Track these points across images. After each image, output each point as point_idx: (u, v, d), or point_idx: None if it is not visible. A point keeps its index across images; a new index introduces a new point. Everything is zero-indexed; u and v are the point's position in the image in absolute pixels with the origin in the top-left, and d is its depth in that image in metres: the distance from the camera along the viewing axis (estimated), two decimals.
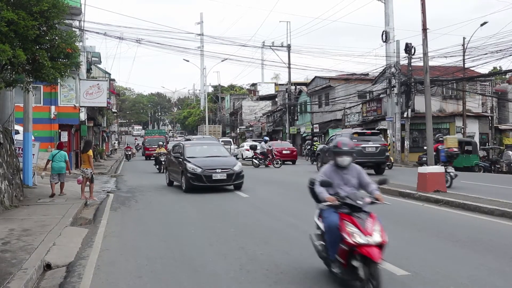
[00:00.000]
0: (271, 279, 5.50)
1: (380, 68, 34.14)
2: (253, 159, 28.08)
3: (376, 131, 26.85)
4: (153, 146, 44.21)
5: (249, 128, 63.81)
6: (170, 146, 45.33)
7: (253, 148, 29.89)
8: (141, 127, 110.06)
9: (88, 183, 13.41)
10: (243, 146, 39.05)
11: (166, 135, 65.26)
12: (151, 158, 44.84)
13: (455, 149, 15.76)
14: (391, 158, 25.54)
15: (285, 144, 35.31)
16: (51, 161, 13.77)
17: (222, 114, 79.31)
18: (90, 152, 13.63)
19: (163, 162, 22.33)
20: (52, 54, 10.92)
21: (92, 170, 13.47)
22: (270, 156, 27.63)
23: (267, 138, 32.33)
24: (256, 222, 9.38)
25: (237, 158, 27.22)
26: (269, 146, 28.62)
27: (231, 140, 46.36)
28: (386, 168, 23.04)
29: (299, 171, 24.23)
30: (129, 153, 43.77)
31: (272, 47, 42.40)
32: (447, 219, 9.44)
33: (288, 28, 45.76)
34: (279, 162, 27.52)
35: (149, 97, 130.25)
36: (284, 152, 32.33)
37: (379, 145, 21.70)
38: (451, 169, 14.92)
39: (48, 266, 6.31)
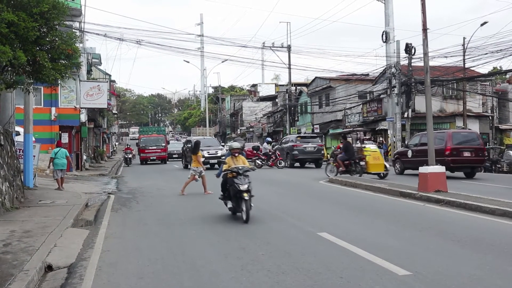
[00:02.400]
0: (272, 280, 5.49)
1: (381, 68, 34.16)
2: (256, 160, 28.10)
3: (315, 134, 34.08)
4: (151, 148, 37.98)
5: (250, 129, 63.83)
6: (170, 147, 42.47)
7: (255, 148, 30.17)
8: (137, 130, 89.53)
9: (198, 178, 14.77)
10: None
11: (166, 135, 56.98)
12: (148, 162, 37.04)
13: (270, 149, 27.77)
14: (328, 156, 29.01)
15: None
16: (53, 158, 15.36)
17: (223, 115, 79.33)
18: (200, 153, 15.13)
19: (244, 197, 9.41)
20: (52, 55, 10.91)
21: (202, 167, 14.94)
22: (273, 157, 27.54)
23: (269, 139, 32.47)
24: (256, 222, 9.36)
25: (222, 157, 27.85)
26: (272, 147, 28.76)
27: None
28: (324, 163, 26.79)
29: (301, 171, 24.23)
30: (129, 156, 36.41)
31: (272, 48, 42.40)
32: (448, 219, 9.43)
33: (288, 29, 45.85)
34: (282, 163, 27.43)
35: (149, 98, 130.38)
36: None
37: (317, 146, 28.16)
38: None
39: (49, 268, 6.30)
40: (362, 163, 18.34)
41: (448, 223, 8.91)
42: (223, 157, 27.49)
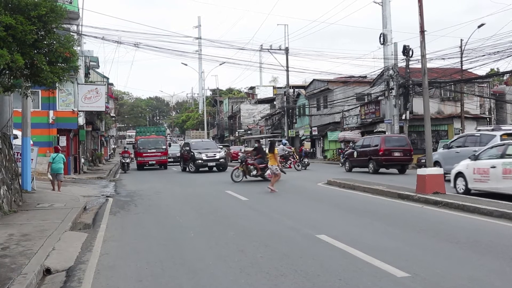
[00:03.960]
0: (271, 282, 5.49)
1: (378, 70, 34.22)
2: None
3: (284, 138, 40.34)
4: (149, 151, 33.13)
5: (248, 132, 63.85)
6: (171, 150, 39.87)
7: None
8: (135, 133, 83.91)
9: (273, 176, 15.53)
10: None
11: (166, 136, 49.35)
12: (145, 168, 32.86)
13: (308, 149, 36.24)
14: (297, 156, 31.12)
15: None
16: (51, 163, 15.96)
17: (221, 118, 79.34)
18: (276, 151, 15.91)
19: None
20: (50, 59, 10.89)
21: (278, 165, 15.76)
22: (291, 159, 27.28)
23: (285, 141, 32.75)
24: (255, 225, 9.37)
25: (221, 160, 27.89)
26: (289, 148, 28.74)
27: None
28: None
29: (300, 173, 24.21)
30: (127, 160, 31.55)
31: (270, 50, 42.46)
32: (446, 220, 9.45)
33: (286, 31, 46.08)
34: (300, 165, 27.34)
35: (147, 101, 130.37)
36: None
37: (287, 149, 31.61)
38: (306, 159, 28.64)
39: (47, 271, 6.30)
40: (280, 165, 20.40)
41: (446, 225, 8.92)
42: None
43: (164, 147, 34.23)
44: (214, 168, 28.04)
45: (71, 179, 22.32)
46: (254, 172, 19.44)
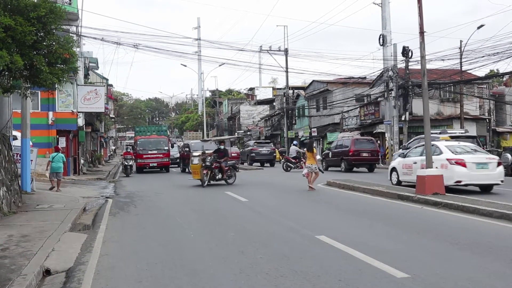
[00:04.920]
0: (271, 283, 5.49)
1: (378, 71, 34.24)
2: (286, 163, 28.34)
3: (268, 140, 42.55)
4: (150, 152, 30.56)
5: (247, 133, 63.84)
6: (173, 152, 37.30)
7: (283, 152, 31.44)
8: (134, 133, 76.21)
9: (313, 174, 15.93)
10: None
11: (168, 136, 42.69)
12: (145, 170, 30.69)
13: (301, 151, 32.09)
14: (280, 157, 32.96)
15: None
16: (51, 162, 16.48)
17: (220, 119, 79.33)
18: (314, 150, 16.45)
19: None
20: (49, 60, 10.89)
21: (317, 164, 16.18)
22: (303, 159, 27.25)
23: (296, 142, 32.88)
24: (255, 226, 9.36)
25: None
26: (303, 149, 28.86)
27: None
28: (277, 162, 34.72)
29: (300, 174, 24.19)
30: (130, 162, 28.43)
31: (269, 52, 42.47)
32: (446, 221, 9.45)
33: (285, 33, 46.06)
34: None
35: (146, 102, 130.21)
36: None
37: (270, 149, 35.58)
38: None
39: (47, 272, 6.29)
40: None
41: (446, 226, 8.92)
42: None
43: (166, 148, 31.69)
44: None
45: (71, 180, 22.31)
46: (219, 176, 18.64)
